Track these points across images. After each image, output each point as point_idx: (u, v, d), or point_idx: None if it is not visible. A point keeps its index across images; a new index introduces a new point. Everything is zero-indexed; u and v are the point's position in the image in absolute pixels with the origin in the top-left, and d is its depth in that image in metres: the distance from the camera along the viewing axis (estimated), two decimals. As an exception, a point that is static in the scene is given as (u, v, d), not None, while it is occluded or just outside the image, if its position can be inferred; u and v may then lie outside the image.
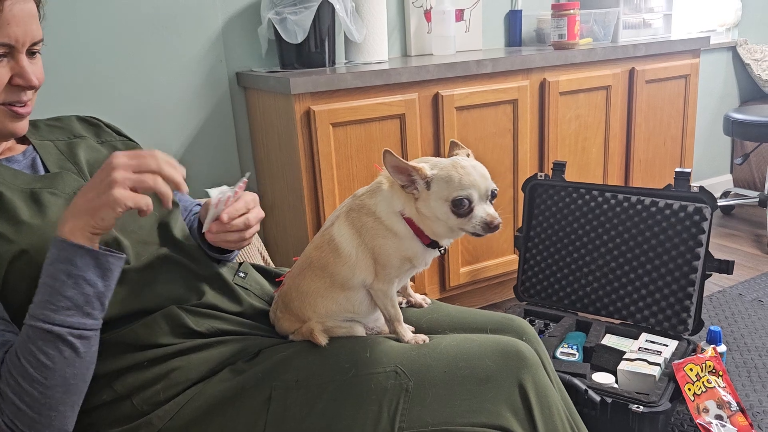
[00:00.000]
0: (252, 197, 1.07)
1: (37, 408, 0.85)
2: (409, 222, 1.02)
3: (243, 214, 1.04)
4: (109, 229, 0.86)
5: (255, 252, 1.82)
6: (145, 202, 0.85)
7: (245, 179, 1.05)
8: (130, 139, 1.25)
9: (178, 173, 0.88)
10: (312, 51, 2.05)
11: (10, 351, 0.86)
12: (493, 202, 1.00)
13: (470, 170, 0.98)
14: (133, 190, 0.84)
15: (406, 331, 1.07)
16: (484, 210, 0.98)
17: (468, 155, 1.06)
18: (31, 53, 0.99)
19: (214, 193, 1.00)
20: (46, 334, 0.84)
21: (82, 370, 0.88)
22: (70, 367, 0.86)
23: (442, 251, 1.07)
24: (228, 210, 1.01)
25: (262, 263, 1.79)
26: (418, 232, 1.02)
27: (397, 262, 1.03)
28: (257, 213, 1.07)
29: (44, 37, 1.03)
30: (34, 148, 1.08)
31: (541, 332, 1.90)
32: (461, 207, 0.97)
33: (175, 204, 1.16)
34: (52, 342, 0.84)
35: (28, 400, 0.84)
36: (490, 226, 0.97)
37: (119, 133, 1.24)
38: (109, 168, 0.84)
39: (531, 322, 1.97)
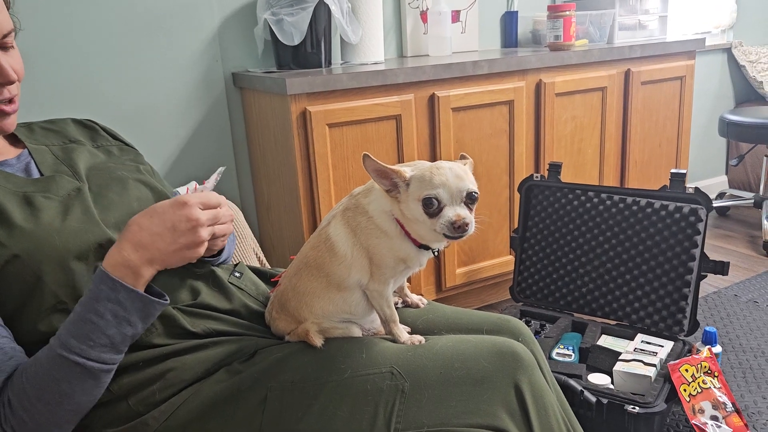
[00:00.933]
0: (215, 199, 0.99)
1: (43, 423, 0.86)
2: (399, 223, 1.02)
3: None
4: None
5: (250, 252, 1.81)
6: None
7: (217, 175, 1.07)
8: (126, 143, 1.25)
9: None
10: (308, 51, 2.05)
11: (28, 368, 0.86)
12: (473, 206, 0.98)
13: (445, 171, 0.97)
14: None
15: (402, 331, 1.07)
16: (453, 210, 0.96)
17: (465, 164, 1.04)
18: (3, 46, 0.96)
19: (182, 191, 1.01)
20: (77, 366, 0.84)
21: (96, 395, 0.90)
22: (87, 395, 0.88)
23: (435, 253, 1.06)
24: None
25: (257, 264, 1.79)
26: (408, 234, 1.02)
27: (392, 262, 1.03)
28: (207, 212, 0.97)
29: (38, 41, 1.01)
30: (29, 153, 1.07)
31: (536, 333, 1.90)
32: (431, 206, 0.96)
33: None
34: (80, 374, 0.85)
35: (37, 418, 0.85)
36: (454, 227, 0.95)
37: (115, 137, 1.23)
38: (192, 222, 0.91)
39: (527, 323, 1.97)
